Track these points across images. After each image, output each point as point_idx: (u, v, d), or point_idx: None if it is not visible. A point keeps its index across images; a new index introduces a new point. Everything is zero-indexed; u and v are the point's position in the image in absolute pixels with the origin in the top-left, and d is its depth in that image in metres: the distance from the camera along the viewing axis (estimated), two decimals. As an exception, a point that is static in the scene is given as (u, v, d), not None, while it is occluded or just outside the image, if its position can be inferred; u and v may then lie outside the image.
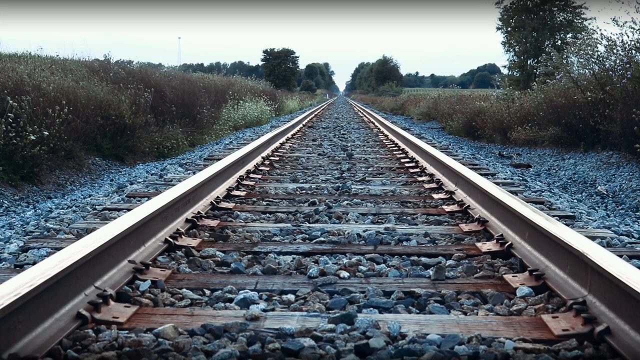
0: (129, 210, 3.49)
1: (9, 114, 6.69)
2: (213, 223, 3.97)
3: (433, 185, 5.67)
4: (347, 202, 4.89)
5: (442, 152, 7.63)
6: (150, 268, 2.87)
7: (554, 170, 9.01)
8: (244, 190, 5.38)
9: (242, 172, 6.02)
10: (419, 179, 6.26)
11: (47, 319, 2.01)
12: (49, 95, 8.09)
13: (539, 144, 11.49)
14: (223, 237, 3.64)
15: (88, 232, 3.50)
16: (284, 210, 4.50)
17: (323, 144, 10.70)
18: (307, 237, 3.69)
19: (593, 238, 3.48)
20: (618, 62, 10.13)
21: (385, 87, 74.60)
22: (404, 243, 3.55)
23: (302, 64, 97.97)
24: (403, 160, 7.98)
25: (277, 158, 8.17)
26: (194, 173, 6.03)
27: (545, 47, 16.70)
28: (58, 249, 2.92)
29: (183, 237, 3.48)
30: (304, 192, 5.45)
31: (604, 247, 3.17)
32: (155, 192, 5.08)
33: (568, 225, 3.57)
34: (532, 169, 9.21)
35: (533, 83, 15.19)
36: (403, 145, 9.48)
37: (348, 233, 3.72)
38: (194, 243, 3.43)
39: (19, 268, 2.90)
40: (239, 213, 4.37)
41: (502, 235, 3.40)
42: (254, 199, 5.02)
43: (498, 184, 5.21)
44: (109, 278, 2.53)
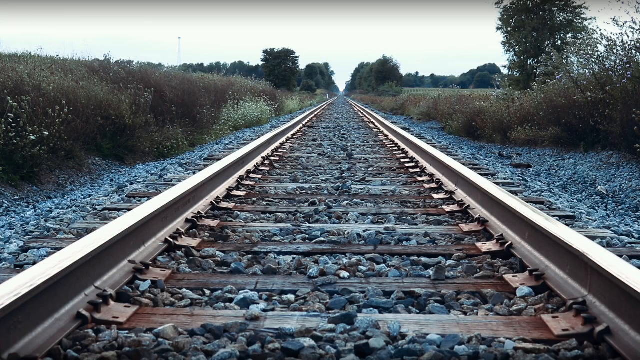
0: (129, 210, 3.49)
1: (9, 114, 6.69)
2: (213, 223, 3.97)
3: (433, 185, 5.67)
4: (347, 202, 4.89)
5: (442, 152, 7.63)
6: (150, 268, 2.87)
7: (554, 170, 9.01)
8: (244, 190, 5.38)
9: (242, 172, 6.02)
10: (419, 179, 6.26)
11: (47, 319, 2.01)
12: (49, 95, 8.09)
13: (539, 144, 11.49)
14: (223, 237, 3.64)
15: (88, 232, 3.50)
16: (284, 210, 4.50)
17: (323, 144, 10.70)
18: (307, 237, 3.69)
19: (593, 238, 3.48)
20: (618, 62, 10.14)
21: (385, 87, 74.58)
22: (404, 243, 3.55)
23: (302, 64, 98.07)
24: (403, 160, 7.98)
25: (277, 158, 8.17)
26: (194, 173, 6.03)
27: (545, 47, 16.69)
28: (58, 249, 2.92)
29: (183, 237, 3.48)
30: (304, 192, 5.45)
31: (604, 247, 3.17)
32: (155, 192, 5.08)
33: (568, 225, 3.57)
34: (532, 169, 9.21)
35: (533, 83, 15.19)
36: (403, 145, 9.48)
37: (348, 233, 3.72)
38: (194, 243, 3.43)
39: (19, 268, 2.91)
40: (239, 213, 4.37)
41: (502, 235, 3.40)
42: (254, 199, 5.02)
43: (498, 184, 5.21)
44: (109, 278, 2.53)
